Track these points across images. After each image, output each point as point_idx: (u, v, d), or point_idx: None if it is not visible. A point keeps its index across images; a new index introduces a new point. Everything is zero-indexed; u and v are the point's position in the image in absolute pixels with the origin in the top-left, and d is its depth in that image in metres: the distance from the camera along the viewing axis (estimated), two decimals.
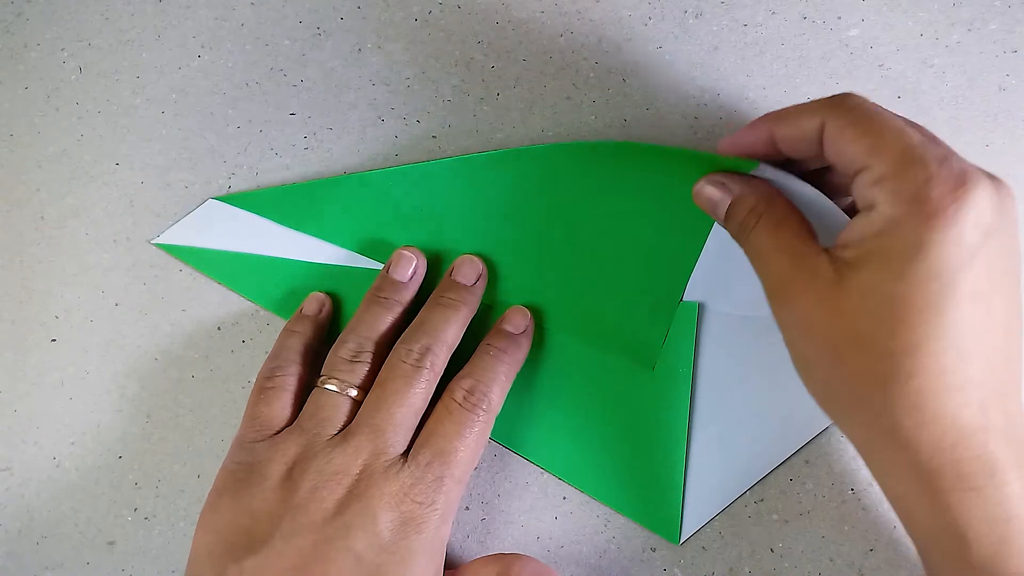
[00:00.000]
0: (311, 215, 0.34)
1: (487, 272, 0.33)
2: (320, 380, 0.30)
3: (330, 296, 0.33)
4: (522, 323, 0.32)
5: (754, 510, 0.33)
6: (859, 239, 0.23)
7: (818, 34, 0.33)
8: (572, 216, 0.32)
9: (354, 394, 0.29)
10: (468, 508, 0.34)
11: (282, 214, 0.34)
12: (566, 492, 0.34)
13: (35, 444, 0.35)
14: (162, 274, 0.35)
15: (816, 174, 0.29)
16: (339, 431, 0.29)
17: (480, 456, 0.30)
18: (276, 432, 0.29)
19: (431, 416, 0.29)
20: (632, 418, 0.33)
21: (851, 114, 0.24)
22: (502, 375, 0.30)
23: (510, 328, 0.32)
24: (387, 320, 0.31)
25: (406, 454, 0.28)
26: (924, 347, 0.22)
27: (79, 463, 0.35)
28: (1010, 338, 0.23)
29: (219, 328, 0.34)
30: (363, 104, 0.34)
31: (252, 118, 0.34)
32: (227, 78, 0.34)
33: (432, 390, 0.29)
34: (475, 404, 0.29)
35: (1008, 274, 0.23)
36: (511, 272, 0.33)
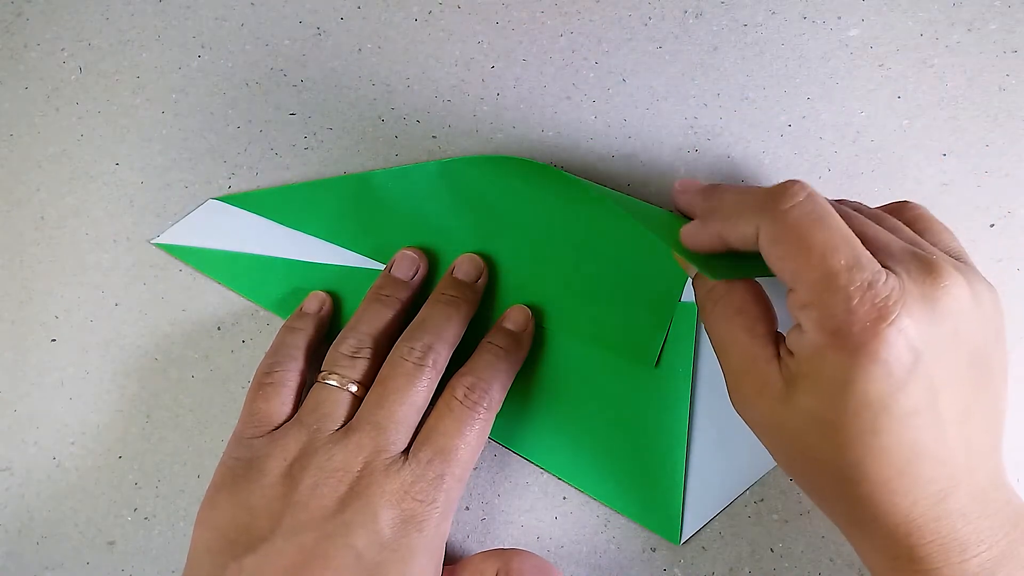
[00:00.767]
0: (311, 215, 0.34)
1: (488, 271, 0.33)
2: (321, 375, 0.30)
3: (330, 295, 0.33)
4: (523, 321, 0.32)
5: (754, 510, 0.33)
6: (798, 351, 0.23)
7: (818, 34, 0.33)
8: (572, 216, 0.32)
9: (355, 390, 0.29)
10: (468, 508, 0.34)
11: (282, 214, 0.34)
12: (566, 492, 0.34)
13: (35, 444, 0.35)
14: (162, 274, 0.35)
15: None
16: (339, 427, 0.29)
17: (480, 454, 0.30)
18: (275, 428, 0.29)
19: (432, 414, 0.29)
20: (632, 418, 0.33)
21: (778, 226, 0.23)
22: (503, 373, 0.30)
23: (511, 326, 0.32)
24: (388, 318, 0.31)
25: (406, 452, 0.28)
26: (865, 464, 0.23)
27: (79, 463, 0.35)
28: (970, 421, 0.23)
29: (219, 328, 0.34)
30: (363, 104, 0.34)
31: (252, 118, 0.34)
32: (227, 78, 0.34)
33: (434, 388, 0.29)
34: (476, 402, 0.29)
35: (960, 366, 0.23)
36: (511, 272, 0.33)
